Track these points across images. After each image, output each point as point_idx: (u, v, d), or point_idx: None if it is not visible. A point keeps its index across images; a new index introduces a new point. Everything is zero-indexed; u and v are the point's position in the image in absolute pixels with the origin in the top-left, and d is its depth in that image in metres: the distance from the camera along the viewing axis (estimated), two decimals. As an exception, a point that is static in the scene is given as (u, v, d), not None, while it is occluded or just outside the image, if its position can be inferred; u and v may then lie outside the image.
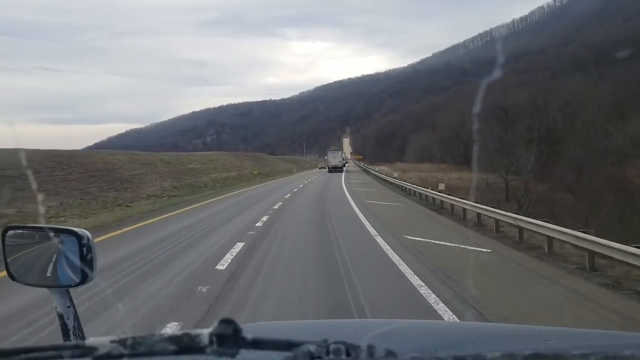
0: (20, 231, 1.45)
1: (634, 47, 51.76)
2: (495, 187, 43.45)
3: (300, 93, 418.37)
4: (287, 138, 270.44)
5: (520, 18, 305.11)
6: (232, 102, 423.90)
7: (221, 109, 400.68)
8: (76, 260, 1.24)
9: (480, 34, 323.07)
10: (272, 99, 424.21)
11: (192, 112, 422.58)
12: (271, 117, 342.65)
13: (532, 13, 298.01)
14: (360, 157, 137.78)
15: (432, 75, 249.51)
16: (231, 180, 33.30)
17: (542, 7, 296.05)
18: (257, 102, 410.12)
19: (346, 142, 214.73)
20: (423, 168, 49.82)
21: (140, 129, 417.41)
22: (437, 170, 49.19)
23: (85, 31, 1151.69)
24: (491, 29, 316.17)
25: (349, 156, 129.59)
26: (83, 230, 1.25)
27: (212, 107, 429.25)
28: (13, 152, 17.51)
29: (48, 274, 1.31)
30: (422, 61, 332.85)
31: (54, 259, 1.29)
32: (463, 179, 45.74)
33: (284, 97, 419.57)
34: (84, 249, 1.24)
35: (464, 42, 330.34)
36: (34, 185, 15.71)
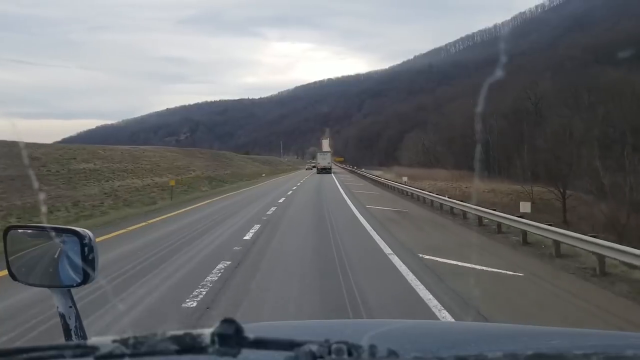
0: (22, 231, 1.41)
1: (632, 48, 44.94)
2: (542, 205, 30.31)
3: (278, 93, 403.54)
4: (264, 138, 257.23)
5: (502, 23, 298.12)
6: (209, 100, 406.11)
7: (197, 107, 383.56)
8: (78, 260, 1.21)
9: (462, 38, 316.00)
10: (250, 97, 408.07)
11: (167, 109, 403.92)
12: (248, 116, 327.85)
13: (514, 18, 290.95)
14: (341, 159, 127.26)
15: (414, 77, 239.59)
16: (149, 191, 19.66)
17: (523, 13, 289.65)
18: (234, 100, 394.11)
19: (325, 143, 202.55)
20: (435, 175, 36.96)
21: (112, 124, 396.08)
22: (455, 178, 36.22)
23: (58, 24, 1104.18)
24: (473, 33, 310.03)
25: None
26: (85, 230, 1.23)
27: (187, 104, 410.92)
28: None
29: (49, 274, 1.27)
30: (403, 63, 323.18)
31: (55, 258, 1.26)
32: (497, 191, 32.99)
33: (262, 96, 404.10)
34: (86, 248, 1.21)
35: (446, 45, 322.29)
36: None
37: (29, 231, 1.43)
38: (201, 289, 5.87)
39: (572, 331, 1.48)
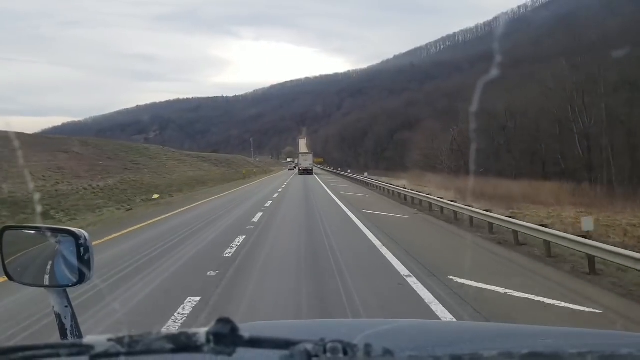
0: (18, 231, 1.40)
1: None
2: None
3: (254, 91, 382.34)
4: (238, 137, 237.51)
5: (484, 23, 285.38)
6: (181, 98, 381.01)
7: (168, 104, 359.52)
8: (73, 260, 1.20)
9: (443, 38, 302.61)
10: (225, 95, 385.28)
11: (137, 106, 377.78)
12: (222, 114, 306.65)
13: (496, 19, 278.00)
14: (321, 160, 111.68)
15: (395, 76, 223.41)
16: None
17: (506, 13, 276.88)
18: (208, 98, 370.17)
19: (302, 143, 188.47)
20: (530, 193, 18.31)
21: (79, 121, 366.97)
22: (566, 197, 17.54)
23: (28, 18, 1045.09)
24: (454, 33, 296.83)
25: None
26: (80, 230, 1.21)
27: (158, 101, 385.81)
28: None
29: (46, 274, 1.26)
30: (382, 63, 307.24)
31: (51, 259, 1.25)
32: None
33: (237, 94, 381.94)
34: (82, 248, 1.19)
35: (427, 45, 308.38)
36: None
37: (25, 231, 1.40)
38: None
39: (568, 330, 1.42)
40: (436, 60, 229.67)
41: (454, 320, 4.51)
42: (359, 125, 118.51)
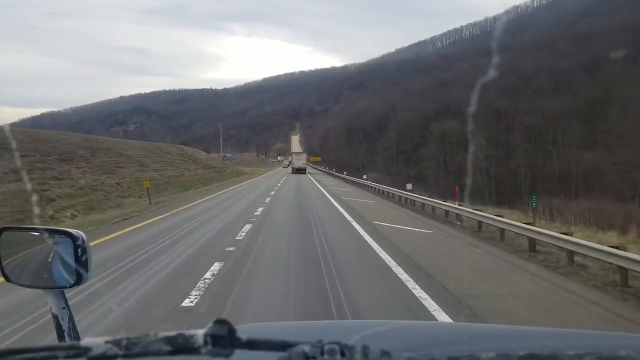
0: (15, 232, 1.37)
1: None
2: None
3: (245, 84, 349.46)
4: (224, 132, 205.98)
5: (494, 17, 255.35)
6: (167, 89, 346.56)
7: (153, 95, 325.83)
8: (71, 262, 1.17)
9: (449, 31, 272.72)
10: (213, 87, 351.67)
11: (120, 97, 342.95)
12: (210, 107, 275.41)
13: (507, 12, 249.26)
14: (319, 159, 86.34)
15: (401, 67, 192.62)
16: None
17: (517, 7, 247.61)
18: (195, 90, 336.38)
19: (295, 140, 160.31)
20: None
21: (59, 112, 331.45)
22: None
23: (16, 7, 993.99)
24: (462, 27, 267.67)
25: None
26: (78, 231, 1.19)
27: (143, 92, 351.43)
28: None
29: (43, 275, 1.23)
30: (382, 57, 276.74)
31: (49, 260, 1.22)
32: None
33: (226, 87, 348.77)
34: (79, 250, 1.16)
35: (432, 38, 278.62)
36: None
37: (23, 232, 1.39)
38: None
39: (565, 332, 1.39)
40: (442, 53, 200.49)
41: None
42: (370, 114, 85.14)
